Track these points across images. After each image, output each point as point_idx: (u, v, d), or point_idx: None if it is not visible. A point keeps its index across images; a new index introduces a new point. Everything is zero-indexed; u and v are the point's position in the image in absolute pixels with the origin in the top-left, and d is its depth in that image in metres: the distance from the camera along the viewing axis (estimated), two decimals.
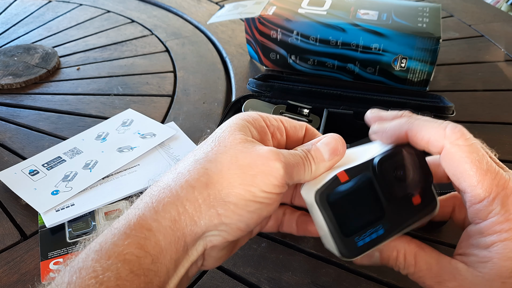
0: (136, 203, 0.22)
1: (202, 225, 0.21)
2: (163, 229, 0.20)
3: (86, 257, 0.19)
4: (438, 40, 0.48)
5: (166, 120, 0.52)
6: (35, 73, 0.60)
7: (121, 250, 0.19)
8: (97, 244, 0.20)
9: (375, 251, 0.23)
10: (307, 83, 0.51)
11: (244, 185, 0.21)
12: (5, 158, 0.46)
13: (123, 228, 0.20)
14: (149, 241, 0.20)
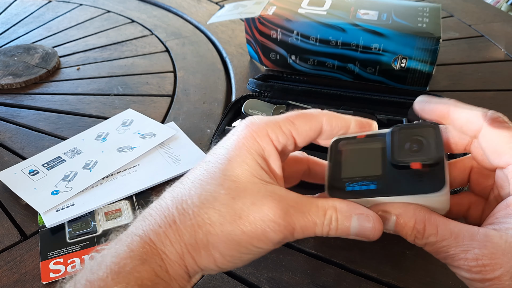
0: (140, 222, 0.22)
1: (201, 266, 0.22)
2: (171, 262, 0.22)
3: (105, 277, 0.20)
4: (438, 40, 0.48)
5: (166, 120, 0.52)
6: (35, 73, 0.60)
7: (139, 276, 0.20)
8: (115, 264, 0.20)
9: (391, 215, 0.22)
10: (307, 83, 0.51)
11: (241, 244, 0.21)
12: (5, 158, 0.46)
13: (139, 253, 0.21)
14: (161, 269, 0.21)
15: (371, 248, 0.35)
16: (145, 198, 0.41)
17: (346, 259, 0.34)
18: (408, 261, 0.34)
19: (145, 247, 0.21)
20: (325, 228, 0.22)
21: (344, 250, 0.35)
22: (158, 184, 0.42)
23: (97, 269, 0.21)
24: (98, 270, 0.20)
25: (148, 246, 0.21)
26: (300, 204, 0.22)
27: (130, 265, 0.20)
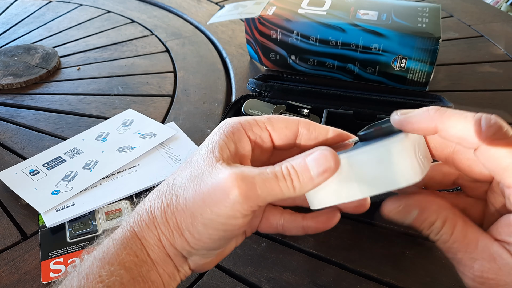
0: (128, 218, 0.24)
1: (179, 248, 0.23)
2: (150, 245, 0.23)
3: (91, 264, 0.22)
4: (437, 40, 0.48)
5: (166, 120, 0.52)
6: (35, 73, 0.60)
7: (122, 258, 0.22)
8: (100, 252, 0.22)
9: (414, 208, 0.22)
10: (307, 83, 0.51)
11: (205, 215, 0.21)
12: (5, 158, 0.46)
13: (121, 239, 0.23)
14: (142, 253, 0.22)
15: (371, 248, 0.35)
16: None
17: (346, 258, 0.34)
18: (408, 261, 0.34)
19: (126, 234, 0.23)
20: (287, 180, 0.21)
21: (344, 250, 0.35)
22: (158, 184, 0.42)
23: (86, 259, 0.23)
24: (86, 260, 0.22)
25: (128, 233, 0.23)
26: (256, 167, 0.22)
27: (112, 251, 0.22)
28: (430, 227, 0.22)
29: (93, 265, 0.22)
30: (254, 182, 0.21)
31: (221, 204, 0.21)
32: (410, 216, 0.22)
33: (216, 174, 0.21)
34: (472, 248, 0.20)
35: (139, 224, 0.23)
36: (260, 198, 0.21)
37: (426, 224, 0.22)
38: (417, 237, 0.36)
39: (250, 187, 0.21)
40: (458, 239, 0.21)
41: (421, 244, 0.36)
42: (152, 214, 0.23)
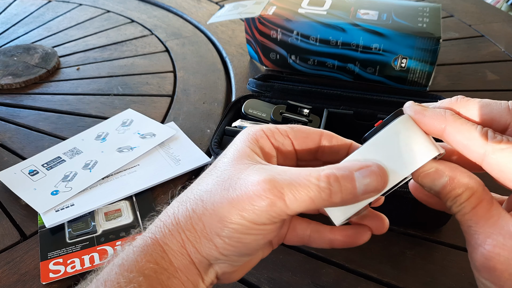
0: (150, 226, 0.24)
1: (205, 255, 0.22)
2: (173, 252, 0.22)
3: (110, 270, 0.22)
4: (438, 40, 0.48)
5: (166, 120, 0.52)
6: (35, 73, 0.60)
7: (141, 265, 0.21)
8: (120, 259, 0.22)
9: (445, 174, 0.21)
10: (307, 83, 0.51)
11: (234, 220, 0.21)
12: (4, 158, 0.46)
13: (141, 247, 0.22)
14: (164, 260, 0.22)
15: (371, 248, 0.35)
16: (145, 198, 0.41)
17: (346, 259, 0.34)
18: (408, 261, 0.34)
19: (146, 241, 0.22)
20: (324, 191, 0.20)
21: (344, 250, 0.35)
22: (158, 184, 0.42)
23: (105, 266, 0.22)
24: (106, 267, 0.22)
25: (149, 240, 0.22)
26: (289, 170, 0.21)
27: (131, 257, 0.22)
28: (455, 197, 0.20)
29: (112, 272, 0.21)
30: (283, 193, 0.20)
31: (250, 210, 0.20)
32: (439, 181, 0.21)
33: (245, 179, 0.21)
34: (491, 223, 0.19)
35: (162, 231, 0.22)
36: (286, 205, 0.20)
37: (452, 194, 0.20)
38: (417, 237, 0.36)
39: (279, 198, 0.20)
40: (479, 213, 0.20)
41: (421, 244, 0.36)
42: (176, 221, 0.22)
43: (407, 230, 0.36)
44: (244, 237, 0.21)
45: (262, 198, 0.20)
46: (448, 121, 0.20)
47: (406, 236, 0.36)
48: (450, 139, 0.20)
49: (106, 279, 0.21)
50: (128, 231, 0.37)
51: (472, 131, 0.20)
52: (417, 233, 0.36)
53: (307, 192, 0.20)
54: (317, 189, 0.20)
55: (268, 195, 0.20)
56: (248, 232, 0.21)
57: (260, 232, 0.21)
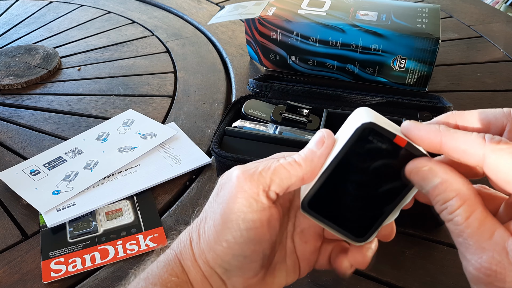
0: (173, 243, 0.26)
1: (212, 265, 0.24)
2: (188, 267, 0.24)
3: (137, 284, 0.24)
4: (437, 41, 0.48)
5: (166, 120, 0.52)
6: (36, 73, 0.60)
7: (164, 279, 0.23)
8: (145, 273, 0.24)
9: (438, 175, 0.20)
10: (307, 84, 0.51)
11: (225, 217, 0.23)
12: (6, 158, 0.46)
13: (164, 261, 0.25)
14: (183, 274, 0.24)
15: None
16: (146, 198, 0.41)
17: None
18: (408, 261, 0.34)
19: (168, 256, 0.25)
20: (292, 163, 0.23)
21: None
22: (158, 184, 0.42)
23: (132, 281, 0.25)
24: (132, 281, 0.25)
25: (171, 255, 0.25)
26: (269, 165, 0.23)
27: (155, 271, 0.24)
28: (445, 203, 0.20)
29: (138, 285, 0.23)
30: (257, 169, 0.23)
31: (234, 197, 0.22)
32: (431, 181, 0.20)
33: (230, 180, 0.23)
34: (485, 238, 0.19)
35: (179, 245, 0.25)
36: (265, 180, 0.22)
37: (442, 198, 0.20)
38: (416, 237, 0.36)
39: (252, 172, 0.23)
40: (473, 226, 0.19)
41: (420, 244, 0.36)
42: (189, 236, 0.25)
43: (407, 229, 0.37)
44: (238, 234, 0.22)
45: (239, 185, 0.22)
46: (444, 133, 0.20)
47: (405, 236, 0.36)
48: (448, 148, 0.20)
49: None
50: (129, 231, 0.38)
51: (469, 135, 0.19)
52: (416, 233, 0.36)
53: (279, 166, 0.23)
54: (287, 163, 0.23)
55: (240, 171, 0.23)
56: (240, 226, 0.22)
57: (252, 225, 0.22)
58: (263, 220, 0.22)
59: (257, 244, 0.22)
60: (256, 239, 0.22)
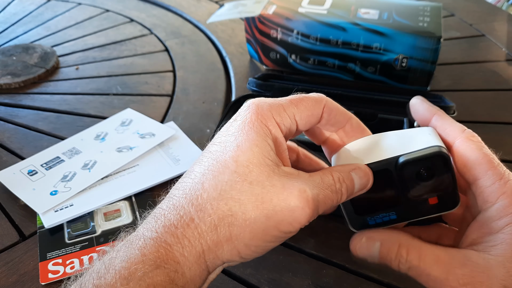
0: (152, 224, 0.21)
1: (224, 259, 0.21)
2: (189, 264, 0.20)
3: (115, 282, 0.19)
4: (439, 40, 0.48)
5: (165, 120, 0.51)
6: (33, 72, 0.60)
7: (152, 282, 0.19)
8: (126, 270, 0.19)
9: (376, 240, 0.23)
10: (308, 83, 0.50)
11: (267, 231, 0.20)
12: (3, 158, 0.46)
13: (153, 258, 0.20)
14: (177, 273, 0.20)
15: None
16: (145, 198, 0.41)
17: (347, 259, 0.34)
18: None
19: (160, 250, 0.20)
20: (338, 194, 0.22)
21: (345, 251, 0.34)
22: (157, 185, 0.42)
23: (104, 273, 0.19)
24: (105, 274, 0.19)
25: (163, 250, 0.20)
26: (313, 176, 0.22)
27: (141, 271, 0.19)
28: (396, 257, 0.22)
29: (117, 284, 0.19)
30: (318, 203, 0.21)
31: (289, 224, 0.21)
32: (374, 249, 0.23)
33: (278, 191, 0.20)
34: (442, 262, 0.21)
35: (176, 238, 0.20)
36: (318, 213, 0.22)
37: (392, 255, 0.22)
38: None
39: (316, 209, 0.21)
40: (427, 259, 0.21)
41: None
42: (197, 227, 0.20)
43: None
44: (270, 245, 0.21)
45: (305, 213, 0.21)
46: (436, 114, 0.25)
47: None
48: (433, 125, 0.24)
49: None
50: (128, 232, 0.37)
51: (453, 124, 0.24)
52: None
53: (331, 202, 0.22)
54: (336, 196, 0.22)
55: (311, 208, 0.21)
56: (274, 240, 0.21)
57: (285, 238, 0.22)
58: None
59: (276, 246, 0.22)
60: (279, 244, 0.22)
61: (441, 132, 0.24)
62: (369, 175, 0.23)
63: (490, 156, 0.22)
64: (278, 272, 0.33)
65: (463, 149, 0.23)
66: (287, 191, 0.20)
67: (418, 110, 0.25)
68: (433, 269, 0.21)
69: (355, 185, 0.23)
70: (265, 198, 0.20)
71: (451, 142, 0.23)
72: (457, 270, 0.20)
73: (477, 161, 0.22)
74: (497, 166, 0.22)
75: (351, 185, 0.22)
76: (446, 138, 0.24)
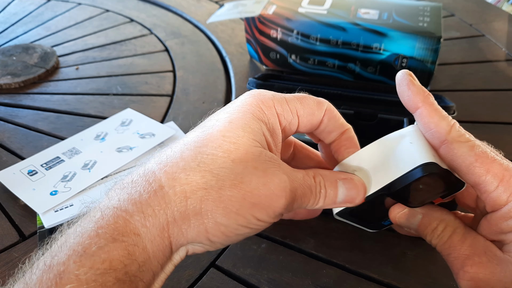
0: (117, 192, 0.19)
1: (189, 237, 0.20)
2: (151, 237, 0.19)
3: (67, 259, 0.17)
4: (439, 40, 0.48)
5: (165, 120, 0.51)
6: (33, 72, 0.60)
7: (108, 257, 0.17)
8: (79, 245, 0.17)
9: (418, 213, 0.23)
10: (308, 83, 0.50)
11: (240, 211, 0.19)
12: (3, 158, 0.46)
13: (109, 231, 0.18)
14: (137, 247, 0.18)
15: (372, 249, 0.35)
16: None
17: (347, 260, 0.34)
18: (409, 262, 0.34)
19: (118, 222, 0.18)
20: (316, 197, 0.22)
21: (345, 251, 0.35)
22: None
23: (58, 251, 0.18)
24: (59, 252, 0.18)
25: (122, 221, 0.18)
26: (296, 172, 0.21)
27: (96, 245, 0.17)
28: (432, 231, 0.23)
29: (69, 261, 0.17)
30: (295, 197, 0.21)
31: (263, 210, 0.20)
32: (414, 219, 0.23)
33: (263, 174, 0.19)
34: (466, 246, 0.21)
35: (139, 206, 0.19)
36: (293, 207, 0.21)
37: (429, 229, 0.23)
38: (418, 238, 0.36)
39: (291, 203, 0.21)
40: (455, 240, 0.22)
41: (422, 245, 0.35)
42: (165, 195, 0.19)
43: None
44: (240, 229, 0.20)
45: (281, 201, 0.20)
46: (426, 103, 0.22)
47: (407, 237, 0.36)
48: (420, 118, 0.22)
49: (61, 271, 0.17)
50: None
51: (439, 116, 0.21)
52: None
53: (307, 201, 0.22)
54: (314, 198, 0.22)
55: (288, 198, 0.20)
56: (247, 225, 0.20)
57: (257, 227, 0.21)
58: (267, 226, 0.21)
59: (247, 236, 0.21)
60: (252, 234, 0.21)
61: (426, 134, 0.22)
62: (359, 189, 0.22)
63: (485, 156, 0.20)
64: (278, 272, 0.33)
65: (452, 156, 0.21)
66: (269, 176, 0.20)
67: (403, 94, 0.22)
68: (456, 249, 0.22)
69: (338, 194, 0.22)
70: (245, 178, 0.19)
71: (437, 146, 0.21)
72: (476, 257, 0.21)
73: (471, 166, 0.20)
74: (495, 166, 0.20)
75: (333, 193, 0.22)
76: (431, 142, 0.22)
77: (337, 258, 0.34)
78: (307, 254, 0.35)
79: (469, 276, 0.21)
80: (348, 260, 0.34)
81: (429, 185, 0.22)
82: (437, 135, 0.21)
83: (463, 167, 0.21)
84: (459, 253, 0.21)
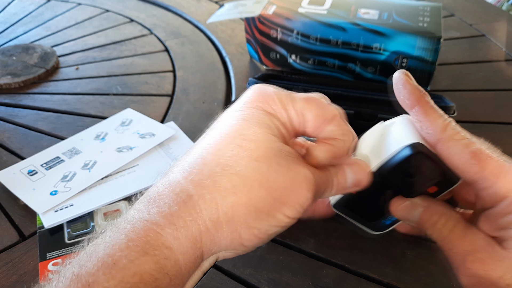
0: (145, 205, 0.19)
1: (222, 246, 0.19)
2: (183, 249, 0.18)
3: (96, 271, 0.17)
4: (439, 40, 0.48)
5: (165, 120, 0.51)
6: (33, 72, 0.60)
7: (138, 270, 0.17)
8: (109, 257, 0.17)
9: (419, 206, 0.23)
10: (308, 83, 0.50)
11: (272, 212, 0.19)
12: (3, 158, 0.46)
13: (140, 244, 0.17)
14: (169, 261, 0.18)
15: (371, 249, 0.35)
16: None
17: (347, 260, 0.34)
18: (409, 262, 0.34)
19: (149, 235, 0.18)
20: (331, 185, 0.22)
21: (345, 251, 0.35)
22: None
23: (86, 261, 0.17)
24: (87, 262, 0.17)
25: (153, 234, 0.18)
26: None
27: (127, 258, 0.17)
28: (434, 224, 0.22)
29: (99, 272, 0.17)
30: (317, 189, 0.21)
31: (292, 206, 0.19)
32: (415, 212, 0.23)
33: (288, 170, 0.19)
34: (467, 242, 0.21)
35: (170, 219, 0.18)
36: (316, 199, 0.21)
37: (430, 222, 0.23)
38: (418, 238, 0.36)
39: (315, 196, 0.21)
40: (456, 234, 0.22)
41: (422, 245, 0.35)
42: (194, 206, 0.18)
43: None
44: (272, 229, 0.20)
45: (308, 195, 0.20)
46: (421, 102, 0.22)
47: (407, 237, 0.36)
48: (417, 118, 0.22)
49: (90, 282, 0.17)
50: None
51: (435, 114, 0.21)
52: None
53: (323, 191, 0.22)
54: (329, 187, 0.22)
55: (309, 196, 0.20)
56: (277, 224, 0.20)
57: (286, 224, 0.20)
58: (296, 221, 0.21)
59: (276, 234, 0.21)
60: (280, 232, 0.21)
61: (422, 133, 0.22)
62: (366, 172, 0.23)
63: (481, 153, 0.20)
64: (278, 272, 0.33)
65: (448, 153, 0.21)
66: (293, 172, 0.19)
67: (399, 94, 0.22)
68: (457, 244, 0.22)
69: (347, 179, 0.22)
70: (271, 177, 0.19)
71: (433, 144, 0.22)
72: (478, 253, 0.21)
73: (467, 164, 0.20)
74: (491, 162, 0.20)
75: (342, 178, 0.22)
76: (428, 140, 0.22)
77: (337, 258, 0.34)
78: (307, 254, 0.35)
79: (470, 272, 0.21)
80: (348, 260, 0.34)
81: (419, 169, 0.22)
82: (433, 134, 0.21)
83: (459, 165, 0.21)
84: (459, 248, 0.21)
